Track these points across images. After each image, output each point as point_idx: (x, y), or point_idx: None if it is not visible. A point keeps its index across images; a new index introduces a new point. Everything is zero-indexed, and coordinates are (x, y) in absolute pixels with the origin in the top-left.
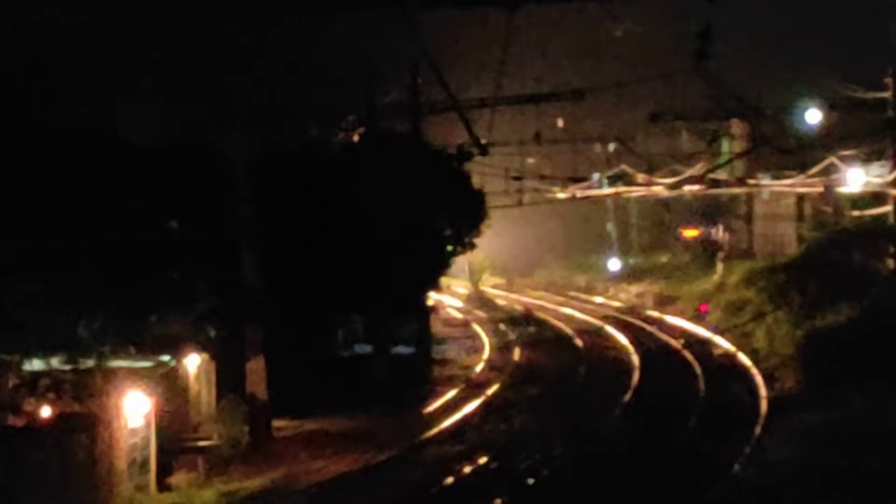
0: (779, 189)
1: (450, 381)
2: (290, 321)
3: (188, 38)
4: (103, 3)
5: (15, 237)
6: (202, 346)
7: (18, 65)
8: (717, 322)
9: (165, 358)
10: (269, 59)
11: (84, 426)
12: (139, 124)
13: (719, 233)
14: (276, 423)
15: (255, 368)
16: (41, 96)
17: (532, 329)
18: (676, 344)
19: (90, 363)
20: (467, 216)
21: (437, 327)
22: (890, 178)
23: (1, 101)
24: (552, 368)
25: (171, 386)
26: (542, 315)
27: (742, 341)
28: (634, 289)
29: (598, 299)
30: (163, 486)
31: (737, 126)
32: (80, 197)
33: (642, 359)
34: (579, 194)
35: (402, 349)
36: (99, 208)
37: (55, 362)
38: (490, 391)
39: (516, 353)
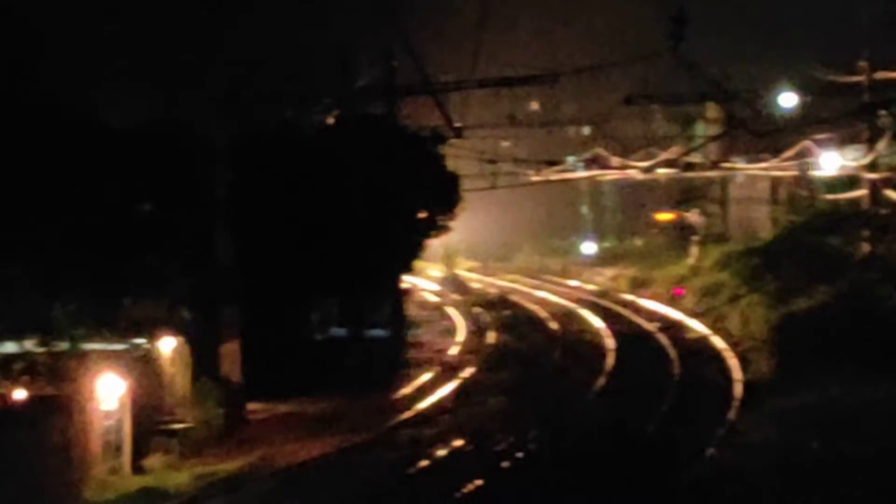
0: (753, 172)
1: (424, 365)
2: (265, 304)
3: (165, 20)
4: None
5: None
6: (177, 329)
7: None
8: (691, 305)
9: (140, 341)
10: (245, 43)
11: (58, 409)
12: (115, 106)
13: (694, 216)
14: (251, 405)
15: (230, 351)
16: (17, 78)
17: (506, 312)
18: (651, 327)
19: (64, 346)
20: (442, 199)
21: (411, 310)
22: (865, 161)
23: None
24: (526, 352)
25: (145, 369)
26: (516, 298)
27: (716, 325)
28: (609, 272)
29: (573, 282)
30: (137, 469)
31: (711, 109)
32: (54, 179)
33: (617, 342)
34: (554, 177)
35: (376, 332)
36: (74, 190)
37: (29, 345)
38: (464, 374)
39: (491, 337)
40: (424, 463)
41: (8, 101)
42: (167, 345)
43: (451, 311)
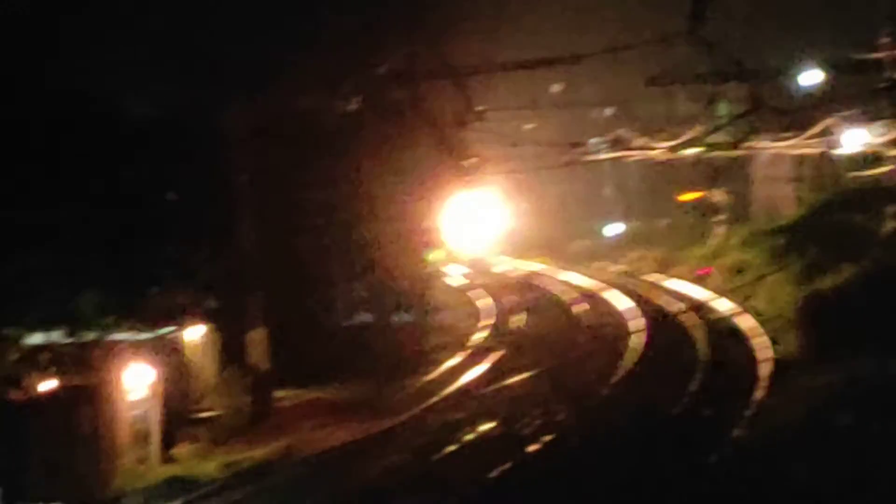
0: (777, 151)
1: (451, 349)
2: (290, 291)
3: (185, 8)
4: None
5: (15, 210)
6: (203, 318)
7: (16, 34)
8: (717, 285)
9: (167, 330)
10: (265, 28)
11: (86, 399)
12: (136, 95)
13: (719, 195)
14: (278, 393)
15: (257, 339)
16: (39, 67)
17: (532, 295)
18: (677, 307)
19: (91, 336)
20: (464, 183)
21: (437, 294)
22: (889, 137)
23: None
24: (553, 334)
25: (172, 358)
26: (542, 281)
27: (743, 304)
28: (635, 253)
29: (599, 264)
30: (166, 458)
31: (735, 88)
32: (78, 169)
33: (643, 323)
34: (577, 160)
35: (402, 317)
36: (98, 180)
37: (56, 336)
38: (491, 358)
39: (517, 320)
40: (452, 448)
41: (31, 91)
42: (194, 333)
43: (477, 295)
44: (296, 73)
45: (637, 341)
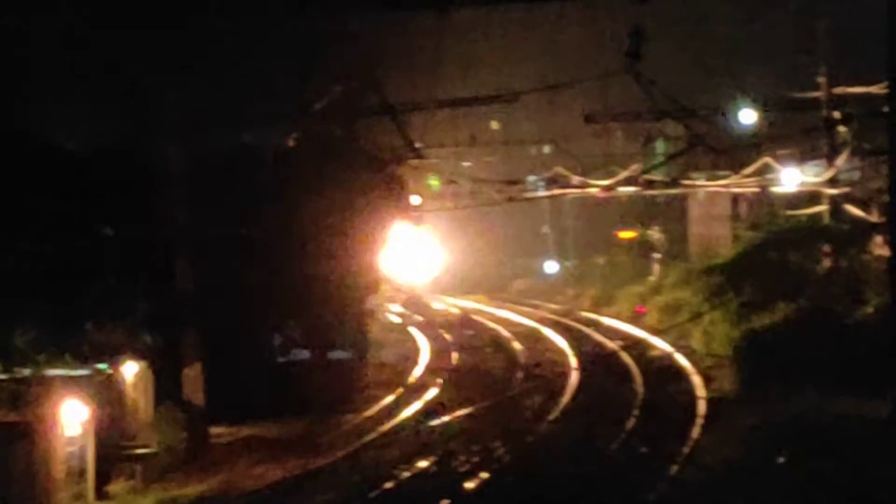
0: (714, 189)
1: (388, 386)
2: (227, 327)
3: (122, 42)
4: (35, 6)
5: None
6: (139, 354)
7: None
8: (653, 323)
9: (102, 366)
10: (202, 64)
11: (21, 435)
12: (72, 130)
13: (655, 234)
14: (214, 429)
15: (192, 375)
16: None
17: (469, 333)
18: (613, 346)
19: (26, 372)
20: (403, 220)
21: (374, 332)
22: (825, 177)
23: None
24: (490, 372)
25: (108, 394)
26: (479, 319)
27: (679, 342)
28: (571, 291)
29: (536, 302)
30: (101, 495)
31: (671, 127)
32: (12, 203)
33: (579, 361)
34: (516, 197)
35: (339, 354)
36: (32, 215)
37: None
38: (428, 395)
39: (454, 357)
40: (389, 485)
41: None
42: (130, 369)
43: (415, 332)
44: (234, 109)
45: (574, 379)
